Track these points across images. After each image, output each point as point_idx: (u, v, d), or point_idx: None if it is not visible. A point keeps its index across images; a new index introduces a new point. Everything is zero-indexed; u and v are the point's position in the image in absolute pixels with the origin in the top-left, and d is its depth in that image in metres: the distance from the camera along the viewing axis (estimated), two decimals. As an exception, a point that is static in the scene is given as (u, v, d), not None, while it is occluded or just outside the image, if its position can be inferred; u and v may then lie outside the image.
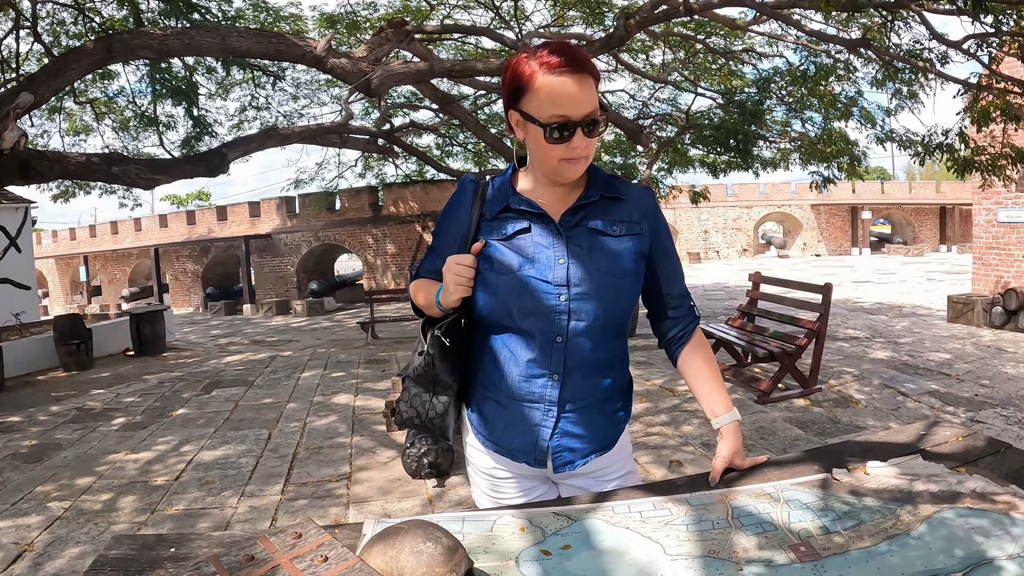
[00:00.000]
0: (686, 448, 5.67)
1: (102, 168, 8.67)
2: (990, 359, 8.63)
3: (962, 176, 8.33)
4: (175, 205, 51.98)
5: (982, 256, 12.16)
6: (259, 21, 11.89)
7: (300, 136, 11.96)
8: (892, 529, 1.33)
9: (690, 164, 14.65)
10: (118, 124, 14.03)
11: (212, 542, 1.38)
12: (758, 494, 1.52)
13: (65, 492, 5.34)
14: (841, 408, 6.69)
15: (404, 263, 25.05)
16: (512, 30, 10.60)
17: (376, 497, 4.98)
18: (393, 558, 1.11)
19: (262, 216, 27.85)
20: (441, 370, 1.70)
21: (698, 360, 1.79)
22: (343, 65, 7.59)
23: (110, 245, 32.69)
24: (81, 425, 7.47)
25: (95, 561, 1.32)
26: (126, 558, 1.33)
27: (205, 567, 1.13)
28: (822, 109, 10.29)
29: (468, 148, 17.80)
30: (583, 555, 1.29)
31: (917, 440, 1.85)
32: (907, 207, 38.94)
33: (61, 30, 11.13)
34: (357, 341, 13.59)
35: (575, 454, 1.71)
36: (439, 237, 1.79)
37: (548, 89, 1.48)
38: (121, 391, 9.29)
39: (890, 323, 12.05)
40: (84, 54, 7.47)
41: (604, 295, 1.62)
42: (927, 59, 7.56)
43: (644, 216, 1.70)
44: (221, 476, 5.58)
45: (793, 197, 38.54)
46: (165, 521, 4.70)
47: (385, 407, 6.79)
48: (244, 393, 8.77)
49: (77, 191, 14.26)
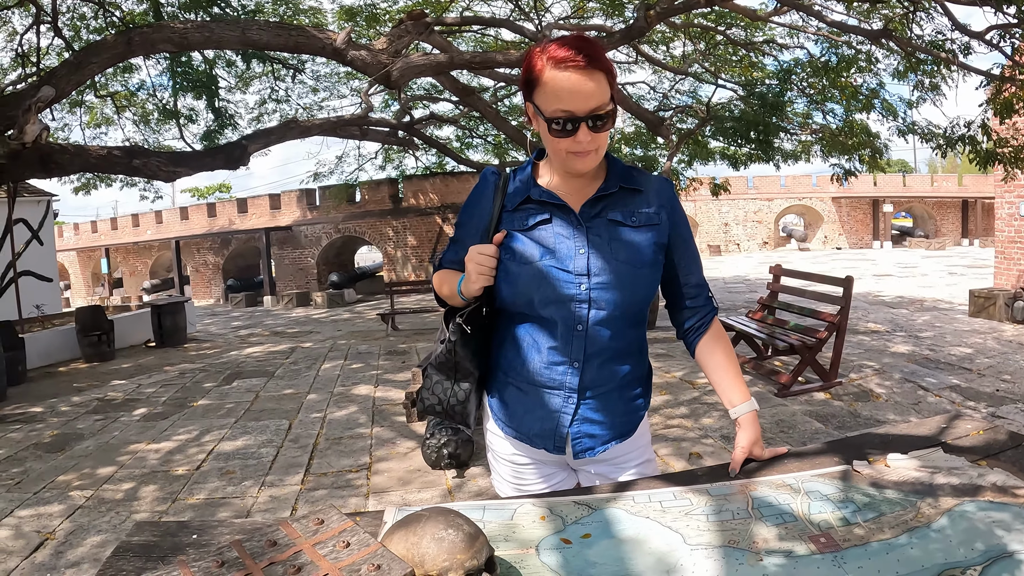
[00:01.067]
0: (706, 440, 5.66)
1: (123, 161, 8.73)
2: (1011, 354, 8.55)
3: (984, 168, 8.24)
4: (196, 197, 52.35)
5: (1004, 250, 12.04)
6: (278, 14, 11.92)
7: (320, 128, 11.98)
8: (912, 521, 1.33)
9: (711, 156, 14.58)
10: (139, 117, 14.10)
11: (234, 528, 1.39)
12: (778, 485, 1.52)
13: (87, 481, 5.41)
14: (861, 402, 6.66)
15: (424, 255, 25.07)
16: (532, 22, 10.57)
17: (396, 487, 5.01)
18: (414, 544, 1.12)
19: (282, 208, 27.95)
20: (463, 357, 1.73)
21: (716, 350, 1.80)
22: (363, 57, 7.60)
23: (131, 238, 32.92)
24: (103, 415, 7.56)
25: (117, 547, 1.34)
26: (148, 544, 1.34)
27: (228, 552, 1.14)
28: (843, 101, 10.21)
29: (488, 140, 17.78)
30: (603, 544, 1.30)
31: (938, 433, 1.85)
32: (929, 200, 38.61)
33: (81, 24, 11.18)
34: (377, 332, 13.65)
35: (595, 440, 1.73)
36: (461, 228, 1.81)
37: (553, 84, 1.49)
38: (142, 382, 9.38)
39: (911, 317, 11.96)
40: (105, 48, 7.52)
41: (623, 285, 1.63)
42: (949, 50, 7.48)
43: (662, 207, 1.71)
44: (242, 466, 5.63)
45: (814, 190, 38.30)
46: (186, 510, 4.75)
47: (405, 398, 6.82)
48: (265, 384, 8.83)
49: (98, 184, 14.36)
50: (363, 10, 11.83)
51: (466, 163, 17.31)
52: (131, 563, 1.27)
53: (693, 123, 13.24)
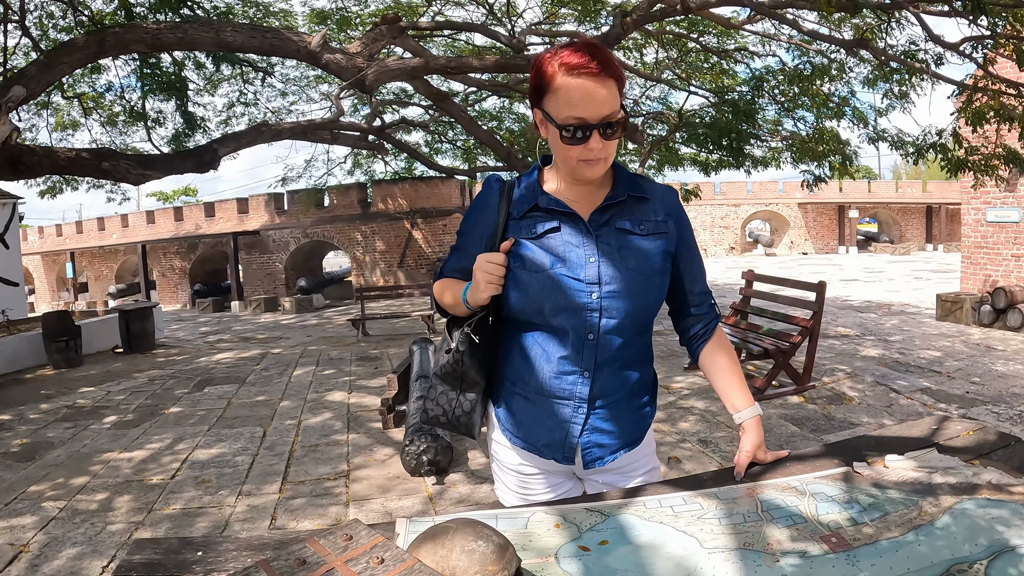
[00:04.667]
0: (684, 445, 5.70)
1: (92, 163, 8.61)
2: (980, 357, 8.71)
3: (955, 175, 8.40)
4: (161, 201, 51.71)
5: (971, 255, 12.26)
6: (249, 16, 11.83)
7: (290, 132, 11.91)
8: (917, 520, 1.37)
9: (681, 162, 14.69)
10: (106, 119, 13.92)
11: (240, 545, 1.37)
12: (784, 487, 1.54)
13: (60, 492, 5.31)
14: (835, 405, 6.74)
15: (393, 260, 24.98)
16: (505, 27, 10.59)
17: (376, 495, 4.98)
18: (444, 557, 1.11)
19: (250, 213, 27.72)
20: (469, 367, 1.72)
21: (720, 357, 1.82)
22: (337, 61, 7.58)
23: (97, 241, 32.43)
24: (73, 423, 7.43)
25: (119, 567, 1.31)
26: (151, 563, 1.32)
27: (255, 573, 1.11)
28: (814, 108, 10.34)
29: (458, 145, 17.79)
30: (621, 550, 1.31)
31: (930, 434, 1.89)
32: (894, 206, 39.16)
33: (49, 24, 11.02)
34: (348, 338, 13.56)
35: (604, 450, 1.73)
36: (464, 236, 1.80)
37: (566, 90, 1.49)
38: (112, 389, 9.24)
39: (880, 321, 12.13)
40: (77, 48, 7.43)
41: (634, 293, 1.64)
42: (923, 60, 7.61)
43: (669, 215, 1.72)
44: (217, 475, 5.56)
45: (780, 195, 38.73)
46: (163, 521, 4.68)
47: (381, 404, 6.79)
48: (236, 391, 8.75)
49: (65, 187, 14.14)
50: (334, 13, 11.78)
51: (436, 168, 17.31)
52: (136, 585, 1.25)
53: (664, 129, 13.34)
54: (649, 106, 14.19)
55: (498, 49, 11.54)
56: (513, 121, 16.11)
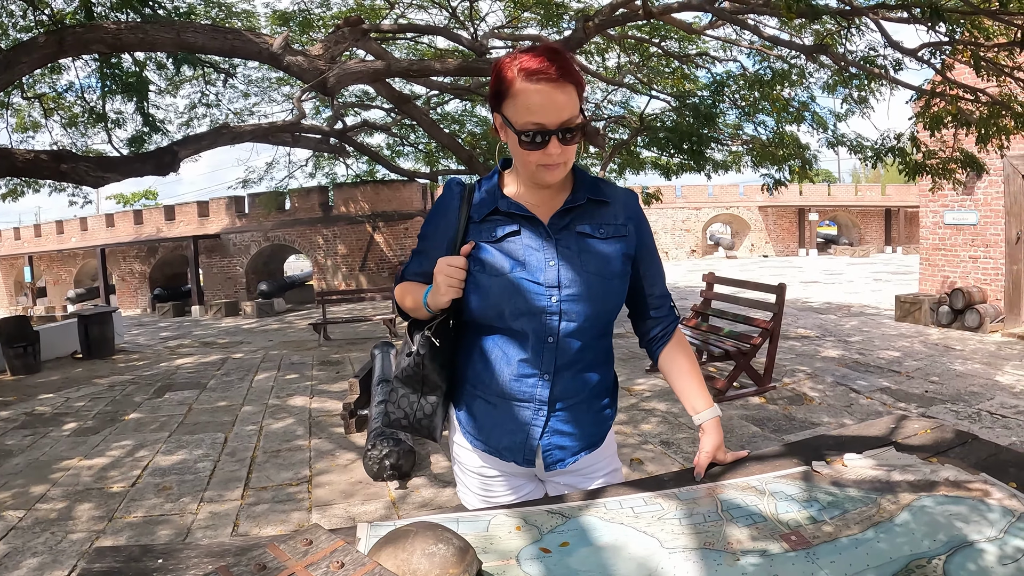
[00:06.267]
0: (646, 447, 5.73)
1: (50, 165, 8.45)
2: (938, 356, 8.86)
3: (913, 179, 8.53)
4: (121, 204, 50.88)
5: (929, 257, 12.45)
6: (211, 17, 11.71)
7: (252, 134, 11.80)
8: (876, 517, 1.39)
9: (642, 166, 14.78)
10: (66, 120, 13.70)
11: (201, 552, 1.35)
12: (743, 487, 1.55)
13: (19, 500, 5.21)
14: (796, 405, 6.82)
15: (355, 264, 24.84)
16: (467, 30, 10.59)
17: (339, 500, 4.95)
18: (404, 561, 1.10)
19: (211, 216, 27.41)
20: (430, 370, 1.72)
21: (679, 358, 1.83)
22: (299, 63, 7.52)
23: (55, 245, 31.88)
24: (31, 431, 7.30)
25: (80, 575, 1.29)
26: (112, 571, 1.30)
27: None
28: (774, 113, 10.45)
29: (419, 148, 17.75)
30: (583, 551, 1.31)
31: (888, 433, 1.92)
32: (853, 209, 39.69)
33: (9, 23, 10.83)
34: (309, 343, 13.46)
35: (565, 452, 1.74)
36: (425, 240, 1.79)
37: (525, 96, 1.49)
38: (71, 395, 9.09)
39: (840, 322, 12.29)
40: (36, 47, 7.29)
41: (593, 296, 1.65)
42: (882, 66, 7.72)
43: (629, 219, 1.73)
44: (179, 482, 5.49)
45: (741, 199, 39.09)
46: (124, 529, 4.62)
47: (343, 409, 6.75)
48: (197, 396, 8.64)
49: (26, 189, 13.90)
50: (297, 15, 11.70)
51: (397, 171, 17.27)
52: (96, 593, 1.23)
53: (626, 133, 13.41)
54: (611, 110, 14.27)
55: (460, 52, 11.53)
56: (475, 124, 16.11)
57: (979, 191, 11.35)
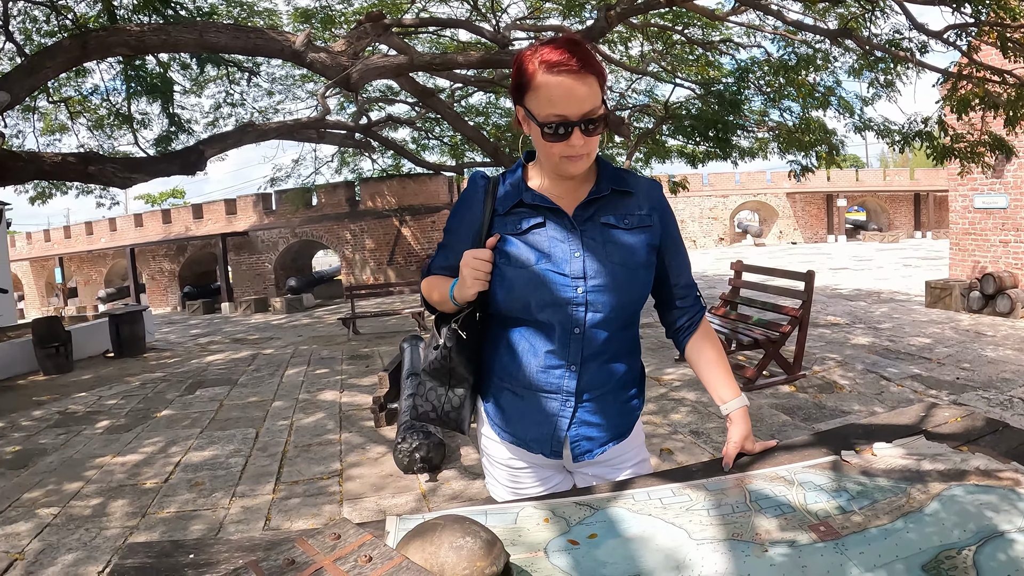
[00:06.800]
0: (676, 437, 5.71)
1: (78, 168, 8.57)
2: (969, 343, 8.75)
3: (941, 163, 8.42)
4: (149, 204, 51.42)
5: (959, 242, 12.29)
6: (233, 16, 11.79)
7: (277, 132, 11.88)
8: (906, 507, 1.37)
9: (668, 155, 14.71)
10: (93, 123, 13.86)
11: (232, 546, 1.37)
12: (772, 477, 1.54)
13: (54, 498, 5.28)
14: (826, 394, 6.76)
15: (382, 258, 24.95)
16: (489, 22, 10.58)
17: (369, 493, 4.98)
18: (432, 554, 1.10)
19: (239, 213, 27.62)
20: (458, 363, 1.72)
21: (706, 348, 1.83)
22: (322, 60, 7.56)
23: (85, 246, 32.27)
24: (65, 429, 7.40)
25: (112, 571, 1.31)
26: (144, 567, 1.32)
27: (244, 573, 1.11)
28: (800, 99, 10.35)
29: (444, 141, 17.77)
30: (610, 543, 1.31)
31: (918, 422, 1.89)
32: (881, 194, 39.26)
33: (33, 28, 10.98)
34: (339, 337, 13.54)
35: (593, 443, 1.74)
36: (451, 234, 1.80)
37: (546, 88, 1.49)
38: (103, 393, 9.21)
39: (869, 309, 12.17)
40: (60, 51, 7.39)
41: (619, 287, 1.64)
42: (907, 48, 7.62)
43: (654, 209, 1.73)
44: (211, 477, 5.55)
45: (768, 186, 38.75)
46: (157, 524, 4.67)
47: (373, 403, 6.78)
48: (228, 392, 8.73)
49: (54, 192, 14.09)
50: (318, 12, 11.75)
51: (423, 164, 17.28)
52: (129, 588, 1.25)
53: (651, 122, 13.34)
54: (635, 99, 14.21)
55: (483, 45, 11.53)
56: (499, 116, 16.10)
57: (1009, 174, 11.17)
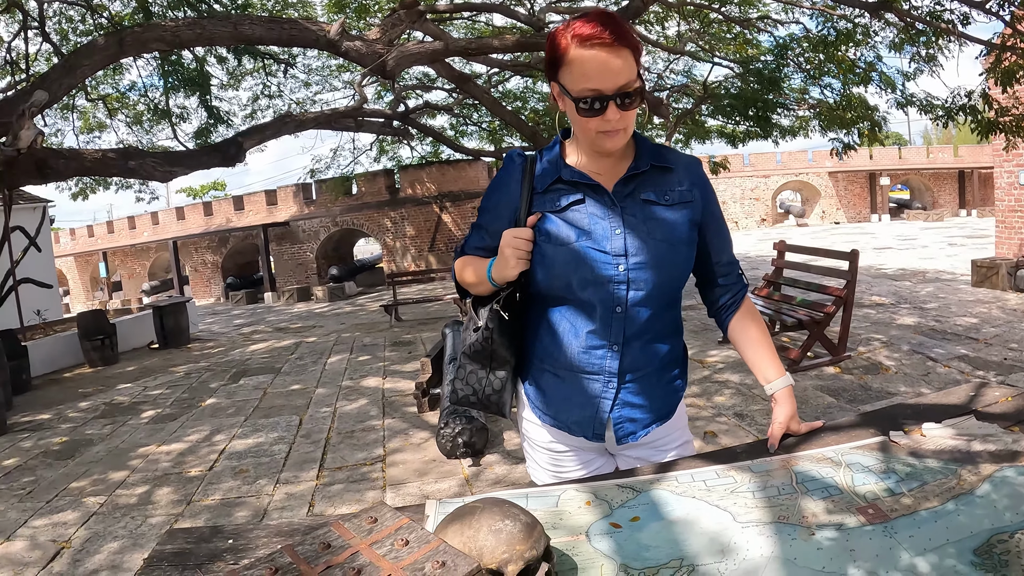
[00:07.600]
0: (719, 419, 5.67)
1: (119, 163, 8.69)
2: (1017, 323, 8.55)
3: (986, 138, 8.21)
4: (191, 197, 52.14)
5: (1005, 219, 11.99)
6: (267, 9, 11.87)
7: (315, 122, 11.95)
8: (956, 489, 1.33)
9: (708, 135, 14.56)
10: (131, 119, 14.07)
11: (270, 531, 1.38)
12: (819, 459, 1.51)
13: (100, 487, 5.40)
14: (871, 375, 6.66)
15: (423, 245, 25.06)
16: (524, 5, 10.53)
17: (412, 479, 5.01)
18: (471, 537, 1.10)
19: (279, 204, 27.90)
20: (499, 345, 1.71)
21: (750, 327, 1.79)
22: (357, 48, 7.57)
23: (128, 240, 32.82)
24: (111, 420, 7.55)
25: (150, 556, 1.32)
26: (183, 552, 1.33)
27: (280, 557, 1.11)
28: (840, 75, 10.16)
29: (483, 127, 17.76)
30: (653, 526, 1.29)
31: (968, 401, 1.84)
32: (925, 172, 38.51)
33: (69, 28, 11.14)
34: (381, 324, 13.63)
35: (636, 424, 1.71)
36: (486, 214, 1.78)
37: (580, 62, 1.46)
38: (148, 384, 9.38)
39: (915, 289, 11.95)
40: (96, 50, 7.48)
41: (661, 264, 1.61)
42: (948, 20, 7.44)
43: (694, 185, 1.69)
44: (255, 464, 5.62)
45: (810, 165, 38.18)
46: (202, 512, 4.74)
47: (415, 388, 6.82)
48: (272, 380, 8.83)
49: (95, 188, 14.32)
50: (352, 1, 11.78)
51: (462, 150, 17.30)
52: (166, 572, 1.26)
53: (689, 102, 13.21)
54: (673, 79, 14.07)
55: (518, 28, 11.48)
56: (537, 100, 16.04)
57: (1056, 148, 10.88)
